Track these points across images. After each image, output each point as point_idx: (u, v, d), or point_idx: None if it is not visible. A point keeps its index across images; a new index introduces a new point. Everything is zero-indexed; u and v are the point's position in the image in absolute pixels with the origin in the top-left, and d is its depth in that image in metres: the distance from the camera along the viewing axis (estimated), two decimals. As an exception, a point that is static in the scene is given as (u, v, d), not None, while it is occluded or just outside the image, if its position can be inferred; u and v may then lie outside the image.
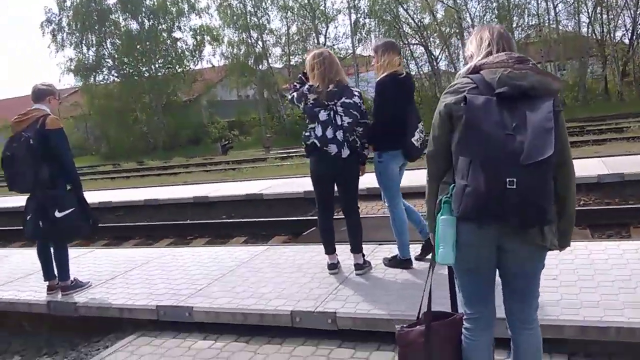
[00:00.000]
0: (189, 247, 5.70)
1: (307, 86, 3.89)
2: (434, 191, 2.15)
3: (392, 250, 4.27)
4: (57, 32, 34.46)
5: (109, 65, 35.45)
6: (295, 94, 3.98)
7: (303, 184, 9.38)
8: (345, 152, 3.82)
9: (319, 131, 3.81)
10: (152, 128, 34.15)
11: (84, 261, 5.39)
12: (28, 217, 4.18)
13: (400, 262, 4.07)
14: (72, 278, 4.36)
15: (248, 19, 32.60)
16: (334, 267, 4.11)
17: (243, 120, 34.18)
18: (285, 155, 20.18)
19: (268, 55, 33.65)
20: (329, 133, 3.79)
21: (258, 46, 33.41)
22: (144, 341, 3.63)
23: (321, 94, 3.81)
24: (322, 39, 32.45)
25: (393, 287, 3.71)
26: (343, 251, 4.33)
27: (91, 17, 33.91)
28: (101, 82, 35.49)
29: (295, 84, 4.06)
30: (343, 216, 4.09)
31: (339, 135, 3.79)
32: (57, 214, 4.06)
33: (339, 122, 3.79)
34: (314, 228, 6.84)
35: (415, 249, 4.17)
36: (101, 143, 36.18)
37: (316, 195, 4.08)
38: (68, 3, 33.97)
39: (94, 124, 36.39)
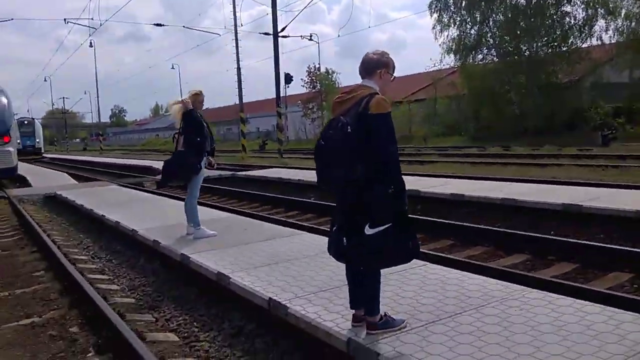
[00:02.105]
0: (541, 291, 3.93)
1: None
2: None
3: None
4: (443, 11, 35.09)
5: (489, 44, 34.49)
6: None
7: None
8: None
9: None
10: (524, 111, 31.95)
11: (410, 279, 4.30)
12: (334, 228, 3.23)
13: None
14: (382, 313, 3.28)
15: (657, -16, 27.02)
16: None
17: (634, 106, 28.69)
18: (692, 155, 15.69)
19: (678, 27, 27.40)
20: None
21: (666, 17, 27.49)
22: None
23: None
24: None
25: None
26: None
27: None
28: (480, 62, 34.90)
29: None
30: None
31: None
32: (368, 230, 2.99)
33: None
34: None
35: None
36: (471, 124, 35.91)
37: None
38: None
39: (466, 104, 36.33)
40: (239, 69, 27.98)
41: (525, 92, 32.24)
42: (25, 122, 45.90)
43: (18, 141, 38.87)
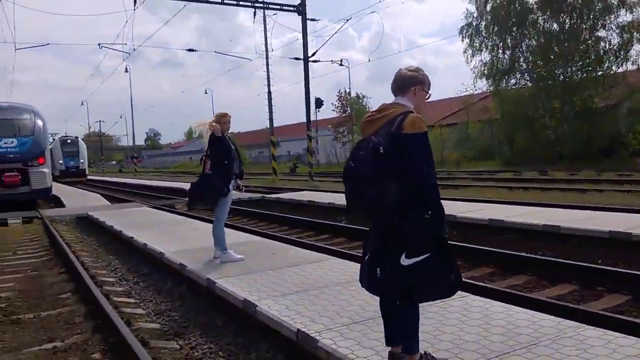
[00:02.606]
0: (598, 328, 3.56)
1: None
2: None
3: None
4: (474, 36, 34.72)
5: (522, 68, 33.99)
6: None
7: None
8: None
9: None
10: (560, 135, 31.21)
11: (450, 312, 4.00)
12: (366, 258, 2.97)
13: None
14: (421, 351, 2.99)
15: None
16: None
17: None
18: None
19: None
20: None
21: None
22: None
23: None
24: None
25: None
26: None
27: (510, 19, 32.88)
28: (513, 87, 34.37)
29: None
30: None
31: None
32: (404, 260, 2.73)
33: None
34: None
35: None
36: (505, 148, 35.24)
37: None
38: (488, 7, 33.77)
39: (499, 129, 35.77)
40: (269, 93, 28.09)
41: (560, 116, 31.57)
42: (69, 140, 41.43)
43: (60, 161, 39.01)
